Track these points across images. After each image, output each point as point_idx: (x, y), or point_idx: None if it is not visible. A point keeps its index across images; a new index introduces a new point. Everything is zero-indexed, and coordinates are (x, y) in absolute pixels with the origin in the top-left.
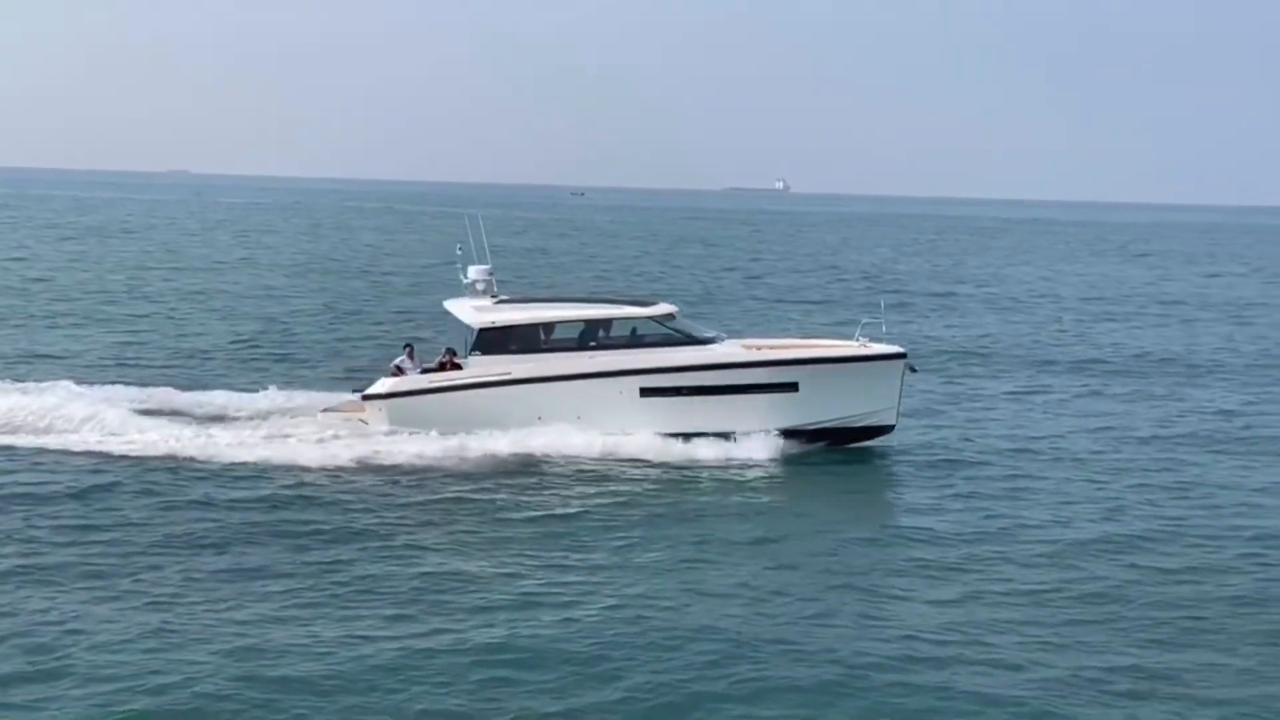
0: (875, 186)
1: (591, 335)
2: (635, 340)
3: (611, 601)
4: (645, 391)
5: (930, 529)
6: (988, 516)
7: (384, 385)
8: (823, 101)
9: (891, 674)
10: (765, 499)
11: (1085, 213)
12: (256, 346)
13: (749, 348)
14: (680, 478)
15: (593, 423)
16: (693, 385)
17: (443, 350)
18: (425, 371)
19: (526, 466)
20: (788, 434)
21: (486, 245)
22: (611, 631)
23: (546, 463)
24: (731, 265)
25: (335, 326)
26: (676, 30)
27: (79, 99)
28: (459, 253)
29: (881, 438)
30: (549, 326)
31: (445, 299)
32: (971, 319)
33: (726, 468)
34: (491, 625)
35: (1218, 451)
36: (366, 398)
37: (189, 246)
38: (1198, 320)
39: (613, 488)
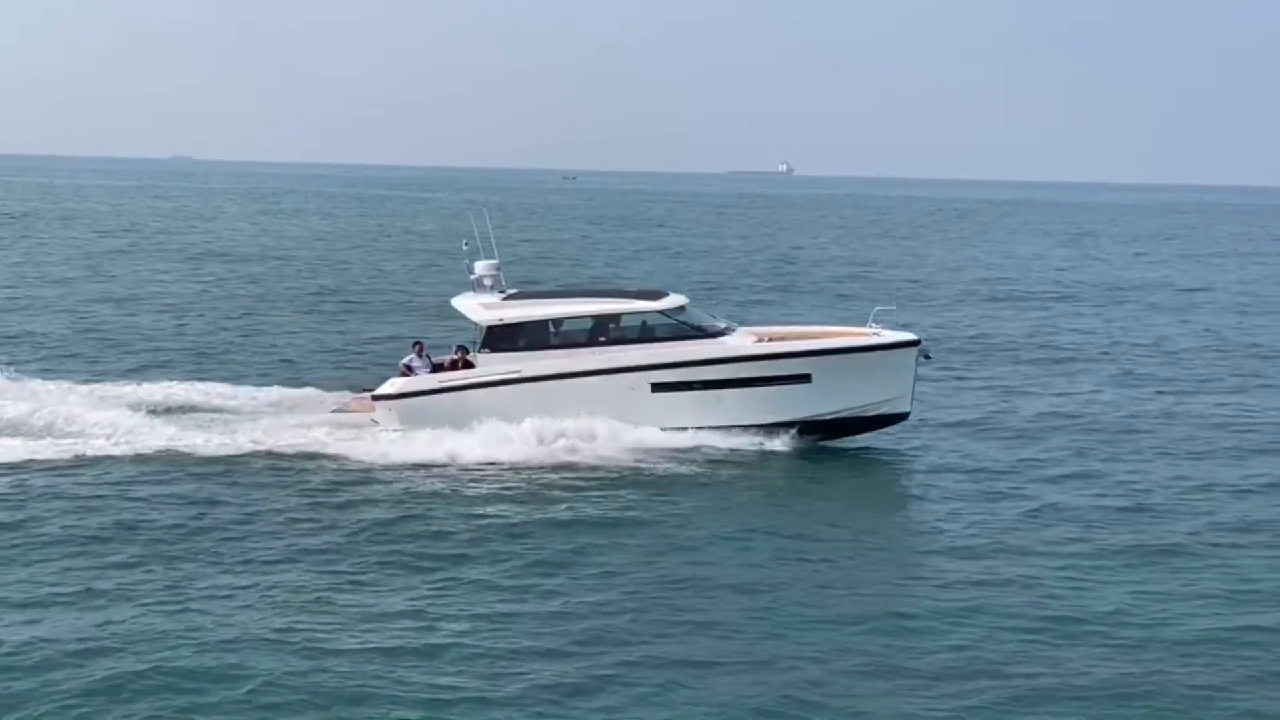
0: (881, 169)
1: (601, 330)
2: (646, 334)
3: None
4: (657, 387)
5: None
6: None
7: (394, 385)
8: (830, 84)
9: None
10: (774, 493)
11: (1078, 194)
12: (88, 333)
13: (761, 338)
14: (691, 473)
15: (604, 420)
16: (704, 379)
17: (454, 348)
18: (436, 369)
19: (519, 466)
20: (801, 425)
21: (493, 239)
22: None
23: (546, 461)
24: (658, 246)
25: (181, 314)
26: (682, 12)
27: (87, 86)
28: (465, 248)
29: (896, 425)
30: (558, 322)
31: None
32: (836, 302)
33: (738, 462)
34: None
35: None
36: (376, 398)
37: (114, 233)
38: (1064, 304)
39: (593, 488)
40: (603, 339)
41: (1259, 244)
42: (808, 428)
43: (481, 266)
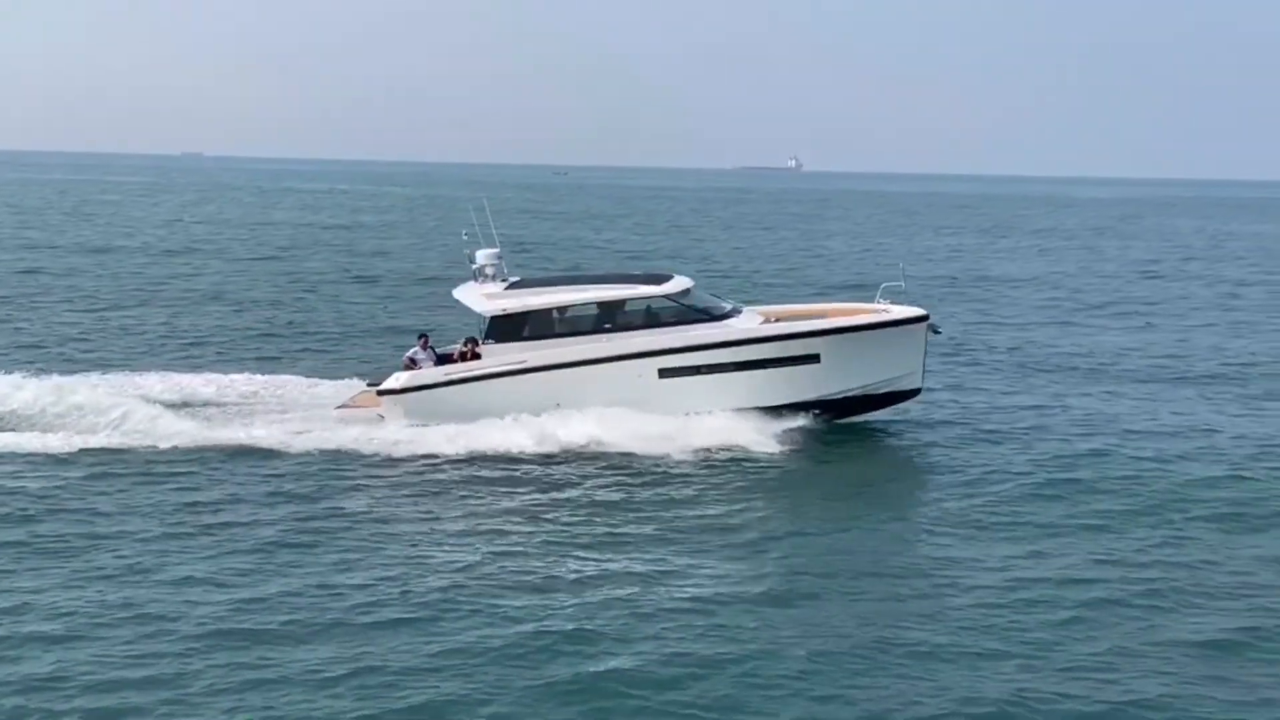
0: (892, 164)
1: (607, 317)
2: (652, 319)
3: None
4: (664, 372)
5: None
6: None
7: (399, 379)
8: (843, 80)
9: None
10: (785, 479)
11: (1078, 189)
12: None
13: (768, 318)
14: (700, 459)
15: (612, 407)
16: (711, 363)
17: (463, 339)
18: (443, 360)
19: (530, 457)
20: (811, 406)
21: (494, 229)
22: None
23: (550, 453)
24: (544, 239)
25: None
26: (692, 10)
27: (103, 83)
28: (465, 238)
29: (908, 402)
30: (563, 310)
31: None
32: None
33: (747, 447)
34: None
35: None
36: (382, 392)
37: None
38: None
39: (588, 477)
40: (608, 325)
41: (1181, 237)
42: (819, 408)
43: (483, 256)
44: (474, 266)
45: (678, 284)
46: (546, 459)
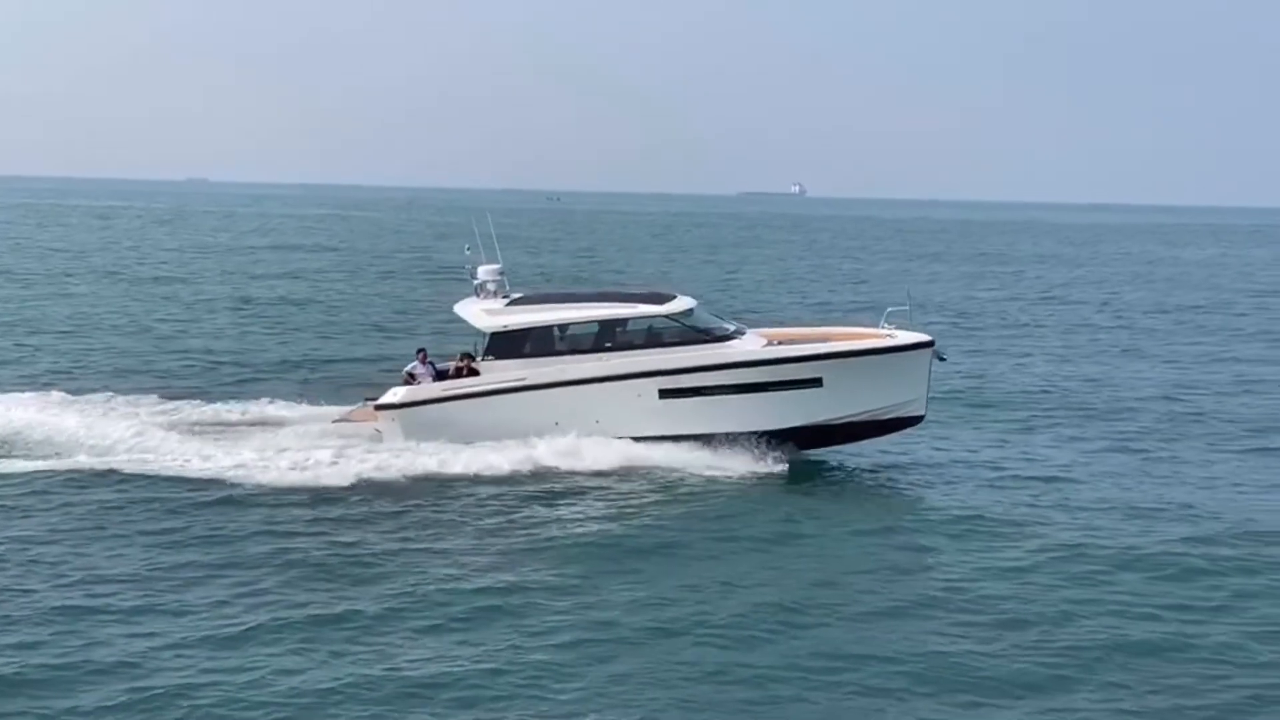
0: (898, 190)
1: (608, 335)
2: (653, 339)
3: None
4: (665, 393)
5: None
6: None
7: (397, 394)
8: (848, 104)
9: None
10: (784, 505)
11: (1073, 215)
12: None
13: (772, 339)
14: (701, 483)
15: (611, 427)
16: (713, 385)
17: (458, 355)
18: (440, 375)
19: (528, 478)
20: (812, 431)
21: (496, 244)
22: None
23: (550, 474)
24: (445, 263)
25: None
26: (697, 33)
27: (106, 106)
28: (466, 253)
29: (911, 429)
30: (564, 328)
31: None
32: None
33: (748, 471)
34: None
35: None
36: (379, 408)
37: None
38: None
39: (606, 499)
40: (609, 344)
41: (1121, 263)
42: (819, 434)
43: (484, 271)
44: (475, 282)
45: (680, 304)
46: (540, 479)
